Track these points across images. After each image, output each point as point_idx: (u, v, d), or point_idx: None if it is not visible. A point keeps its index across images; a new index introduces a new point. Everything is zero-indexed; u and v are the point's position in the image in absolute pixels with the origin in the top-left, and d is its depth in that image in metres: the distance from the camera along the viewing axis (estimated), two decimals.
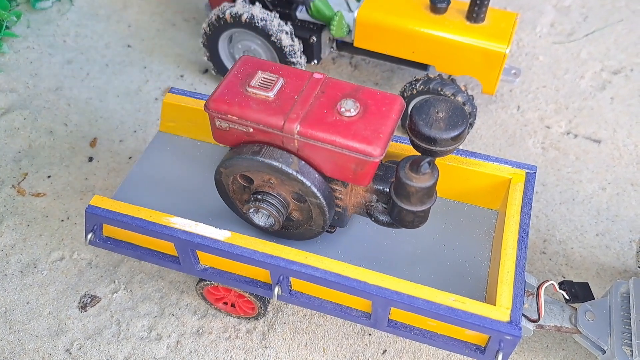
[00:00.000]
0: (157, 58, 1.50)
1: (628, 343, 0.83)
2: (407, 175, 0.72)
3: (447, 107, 0.72)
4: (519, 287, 0.77)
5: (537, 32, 1.56)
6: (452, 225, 0.93)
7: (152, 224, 0.83)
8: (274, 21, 1.25)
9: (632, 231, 1.14)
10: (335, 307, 0.85)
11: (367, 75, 1.47)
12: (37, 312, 1.04)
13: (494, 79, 1.23)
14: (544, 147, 1.30)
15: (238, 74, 0.77)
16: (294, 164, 0.75)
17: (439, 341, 0.82)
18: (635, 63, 1.48)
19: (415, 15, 1.23)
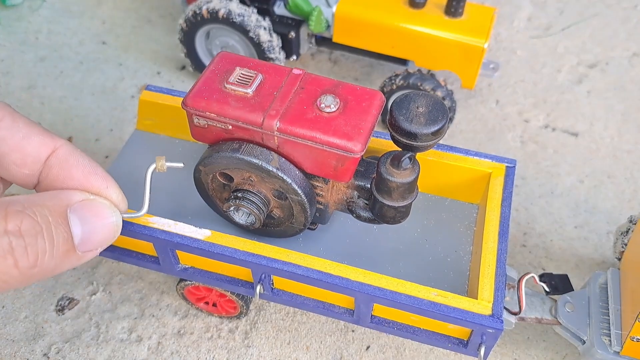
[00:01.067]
0: (132, 55, 1.48)
1: (607, 333, 0.84)
2: (388, 171, 0.72)
3: (427, 102, 0.72)
4: (500, 280, 0.77)
5: (514, 26, 1.58)
6: (433, 220, 0.93)
7: (131, 224, 0.81)
8: (251, 17, 1.23)
9: (609, 223, 1.16)
10: (318, 305, 0.85)
11: (346, 70, 1.46)
12: (13, 316, 1.02)
13: (473, 74, 1.23)
14: (523, 140, 1.31)
15: (216, 70, 0.76)
16: (274, 160, 0.74)
17: (421, 336, 0.83)
18: (611, 57, 1.50)
19: (394, 10, 1.23)
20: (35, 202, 0.54)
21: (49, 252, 0.53)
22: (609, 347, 0.83)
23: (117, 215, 0.61)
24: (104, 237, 0.60)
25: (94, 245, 0.59)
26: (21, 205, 0.52)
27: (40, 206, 0.54)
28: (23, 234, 0.50)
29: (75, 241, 0.56)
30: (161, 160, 0.71)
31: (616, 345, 0.82)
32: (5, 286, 0.51)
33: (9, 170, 0.60)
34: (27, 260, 0.51)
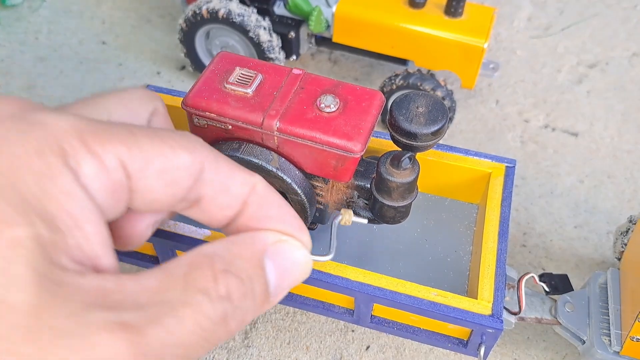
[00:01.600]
0: (132, 55, 1.48)
1: (606, 333, 0.84)
2: (388, 171, 0.72)
3: (426, 102, 0.72)
4: (500, 280, 0.77)
5: (514, 26, 1.58)
6: (433, 220, 0.93)
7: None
8: (251, 17, 1.23)
9: (609, 223, 1.16)
10: (317, 305, 0.85)
11: (346, 70, 1.46)
12: None
13: (473, 74, 1.23)
14: (523, 140, 1.31)
15: (216, 70, 0.76)
16: (274, 160, 0.74)
17: (421, 336, 0.83)
18: (611, 57, 1.50)
19: (393, 10, 1.23)
20: (235, 254, 0.50)
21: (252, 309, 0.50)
22: (609, 347, 0.83)
23: (308, 256, 0.57)
24: (295, 280, 0.56)
25: (284, 290, 0.55)
26: (224, 262, 0.48)
27: (241, 260, 0.50)
28: (232, 298, 0.47)
29: (270, 289, 0.53)
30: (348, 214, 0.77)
31: (616, 345, 0.82)
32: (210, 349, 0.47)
33: (210, 213, 0.54)
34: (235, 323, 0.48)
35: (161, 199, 0.49)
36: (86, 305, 0.39)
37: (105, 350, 0.38)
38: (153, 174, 0.47)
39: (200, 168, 0.51)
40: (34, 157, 0.40)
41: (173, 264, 0.47)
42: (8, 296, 0.35)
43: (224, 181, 0.53)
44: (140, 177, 0.46)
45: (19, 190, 0.38)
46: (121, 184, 0.45)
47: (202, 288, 0.45)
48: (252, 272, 0.50)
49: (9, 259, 0.36)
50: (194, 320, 0.43)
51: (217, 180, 0.53)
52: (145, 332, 0.40)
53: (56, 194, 0.40)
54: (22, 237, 0.37)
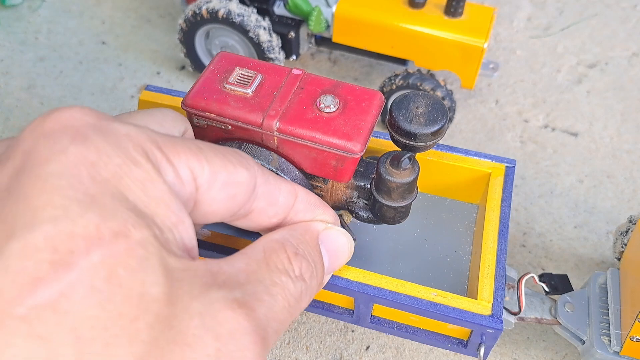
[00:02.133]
0: (132, 55, 1.47)
1: (606, 333, 0.84)
2: (388, 171, 0.72)
3: (426, 102, 0.72)
4: (500, 280, 0.77)
5: (514, 26, 1.58)
6: (433, 220, 0.93)
7: None
8: (251, 17, 1.23)
9: (608, 223, 1.16)
10: (317, 305, 0.85)
11: (346, 70, 1.46)
12: None
13: (472, 74, 1.23)
14: (523, 140, 1.31)
15: (215, 70, 0.76)
16: (273, 161, 0.74)
17: (421, 336, 0.83)
18: (610, 57, 1.50)
19: (393, 10, 1.23)
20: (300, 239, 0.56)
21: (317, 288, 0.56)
22: (609, 347, 0.83)
23: (351, 239, 0.64)
24: (342, 261, 0.64)
25: (335, 269, 0.62)
26: (294, 246, 0.54)
27: (305, 244, 0.56)
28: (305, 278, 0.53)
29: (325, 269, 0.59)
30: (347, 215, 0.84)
31: (616, 345, 0.82)
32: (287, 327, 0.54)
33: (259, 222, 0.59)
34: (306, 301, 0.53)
35: (220, 211, 0.52)
36: (205, 287, 0.43)
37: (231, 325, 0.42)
38: (217, 188, 0.50)
39: (255, 183, 0.55)
40: (131, 165, 0.43)
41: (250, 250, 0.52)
42: (149, 289, 0.39)
43: (273, 194, 0.58)
44: (207, 190, 0.49)
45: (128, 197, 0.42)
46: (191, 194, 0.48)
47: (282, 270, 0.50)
48: (315, 254, 0.56)
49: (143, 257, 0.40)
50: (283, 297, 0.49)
51: (267, 193, 0.57)
52: (254, 307, 0.45)
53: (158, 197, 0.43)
54: (147, 237, 0.41)
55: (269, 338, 0.46)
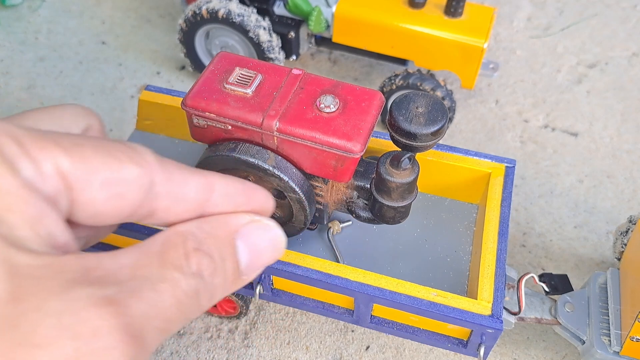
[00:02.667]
0: (132, 55, 1.47)
1: (606, 333, 0.84)
2: (388, 171, 0.72)
3: (426, 102, 0.72)
4: (500, 280, 0.77)
5: (514, 26, 1.58)
6: (433, 220, 0.93)
7: (130, 224, 0.81)
8: (251, 17, 1.23)
9: (608, 223, 1.16)
10: (317, 305, 0.85)
11: (346, 70, 1.46)
12: None
13: (472, 74, 1.23)
14: (523, 140, 1.31)
15: (215, 70, 0.76)
16: (270, 159, 0.74)
17: (421, 336, 0.83)
18: (610, 57, 1.50)
19: (393, 10, 1.23)
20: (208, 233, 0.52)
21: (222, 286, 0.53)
22: (609, 347, 0.83)
23: (280, 234, 0.59)
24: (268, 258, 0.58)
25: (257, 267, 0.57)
26: (197, 241, 0.51)
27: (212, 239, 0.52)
28: (203, 274, 0.50)
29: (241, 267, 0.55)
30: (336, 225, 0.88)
31: (616, 345, 0.82)
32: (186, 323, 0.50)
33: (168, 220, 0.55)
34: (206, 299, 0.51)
35: (105, 212, 0.48)
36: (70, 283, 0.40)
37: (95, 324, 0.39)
38: (96, 187, 0.46)
39: (150, 181, 0.50)
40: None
41: (148, 242, 0.48)
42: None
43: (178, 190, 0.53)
44: (83, 188, 0.46)
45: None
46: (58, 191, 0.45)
47: (176, 265, 0.47)
48: (223, 251, 0.52)
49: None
50: (171, 294, 0.46)
51: (170, 191, 0.52)
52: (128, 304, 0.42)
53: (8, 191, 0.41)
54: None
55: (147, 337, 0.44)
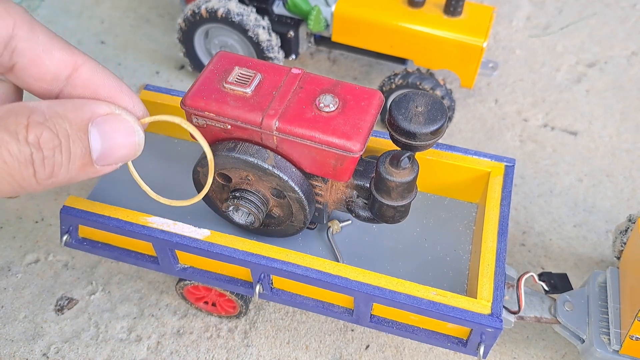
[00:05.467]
0: (131, 54, 1.47)
1: (606, 332, 0.84)
2: (388, 170, 0.72)
3: (426, 101, 0.72)
4: (500, 279, 0.77)
5: (513, 25, 1.58)
6: (432, 219, 0.93)
7: (130, 224, 0.81)
8: (250, 16, 1.23)
9: (608, 222, 1.16)
10: (317, 304, 0.85)
11: (345, 69, 1.46)
12: (12, 316, 1.01)
13: (472, 73, 1.23)
14: (522, 140, 1.31)
15: (215, 70, 0.76)
16: (269, 158, 0.74)
17: (421, 335, 0.83)
18: (609, 56, 1.50)
19: (393, 9, 1.23)
20: (58, 113, 0.54)
21: (65, 165, 0.54)
22: (608, 346, 0.83)
23: (139, 132, 0.60)
24: (125, 153, 0.60)
25: (113, 160, 0.59)
26: (43, 116, 0.52)
27: (61, 118, 0.54)
28: (42, 147, 0.51)
29: (94, 155, 0.56)
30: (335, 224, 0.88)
31: (615, 344, 0.82)
32: (22, 191, 0.53)
33: (27, 83, 0.58)
34: (44, 172, 0.52)
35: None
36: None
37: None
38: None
39: (9, 34, 0.54)
40: None
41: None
42: None
43: (39, 54, 0.56)
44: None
45: None
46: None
47: (11, 130, 0.50)
48: (71, 132, 0.54)
49: None
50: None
51: (31, 50, 0.56)
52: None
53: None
54: None
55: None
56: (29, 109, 0.52)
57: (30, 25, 0.56)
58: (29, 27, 0.56)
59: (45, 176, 0.53)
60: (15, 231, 1.12)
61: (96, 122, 0.56)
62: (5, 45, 0.55)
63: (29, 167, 0.51)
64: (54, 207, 1.16)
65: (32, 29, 0.56)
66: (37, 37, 0.56)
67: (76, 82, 0.59)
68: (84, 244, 0.89)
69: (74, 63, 0.59)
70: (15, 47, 0.55)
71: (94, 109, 0.57)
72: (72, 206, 0.84)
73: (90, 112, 0.56)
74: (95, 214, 0.82)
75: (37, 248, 1.10)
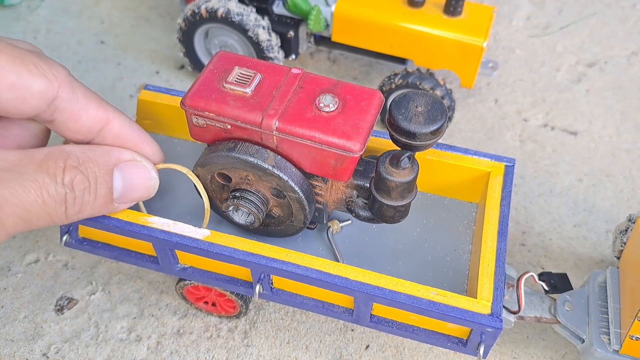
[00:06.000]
0: (131, 54, 1.47)
1: (606, 332, 0.84)
2: (387, 170, 0.72)
3: (426, 101, 0.72)
4: (500, 279, 0.77)
5: (513, 25, 1.58)
6: (432, 219, 0.93)
7: (130, 224, 0.81)
8: (250, 16, 1.23)
9: (608, 221, 1.16)
10: (317, 304, 0.85)
11: (345, 69, 1.46)
12: (12, 316, 1.01)
13: (472, 73, 1.23)
14: (522, 139, 1.31)
15: (215, 69, 0.76)
16: (269, 158, 0.74)
17: (421, 335, 0.83)
18: (609, 56, 1.50)
19: (392, 9, 1.23)
20: (89, 158, 0.63)
21: (91, 204, 0.63)
22: (608, 346, 0.83)
23: (155, 178, 0.72)
24: (141, 194, 0.71)
25: (130, 200, 0.70)
26: (77, 160, 0.61)
27: (92, 162, 0.63)
28: (74, 188, 0.60)
29: (115, 195, 0.66)
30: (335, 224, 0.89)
31: (615, 344, 0.82)
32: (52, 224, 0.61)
33: (64, 134, 0.67)
34: (73, 209, 0.61)
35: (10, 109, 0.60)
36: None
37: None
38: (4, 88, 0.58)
39: (54, 95, 0.63)
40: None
41: (36, 151, 0.60)
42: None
43: (76, 112, 0.65)
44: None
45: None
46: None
47: (51, 173, 0.58)
48: (99, 175, 0.64)
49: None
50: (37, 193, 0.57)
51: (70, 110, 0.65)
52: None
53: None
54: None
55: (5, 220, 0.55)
56: (66, 153, 0.61)
57: (72, 86, 0.65)
58: (70, 88, 0.65)
59: (74, 213, 0.62)
60: None
61: (120, 167, 0.66)
62: (49, 105, 0.63)
63: (62, 205, 0.59)
64: None
65: (73, 89, 0.65)
66: (76, 97, 0.66)
67: (106, 134, 0.69)
68: (84, 244, 0.89)
69: (106, 118, 0.68)
70: (57, 106, 0.64)
71: (120, 156, 0.67)
72: None
73: (116, 158, 0.67)
74: None
75: (37, 248, 1.10)
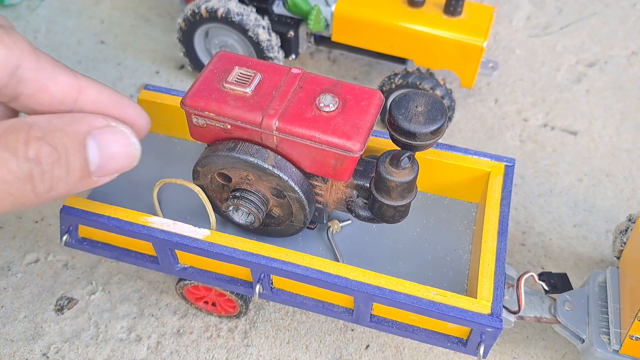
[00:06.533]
0: (131, 54, 1.47)
1: (606, 331, 0.84)
2: (387, 170, 0.72)
3: (426, 101, 0.72)
4: (500, 279, 0.77)
5: (513, 25, 1.58)
6: (432, 219, 0.93)
7: (130, 224, 0.81)
8: (250, 16, 1.23)
9: (608, 221, 1.16)
10: (317, 304, 0.85)
11: (345, 69, 1.46)
12: (12, 316, 1.01)
13: (472, 73, 1.23)
14: (522, 139, 1.31)
15: (215, 69, 0.76)
16: (269, 158, 0.74)
17: (421, 335, 0.83)
18: (609, 56, 1.50)
19: (392, 9, 1.23)
20: (56, 127, 0.54)
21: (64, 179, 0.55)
22: (608, 346, 0.83)
23: (136, 143, 0.61)
24: (122, 164, 0.60)
25: (110, 171, 0.59)
26: (42, 131, 0.53)
27: (60, 132, 0.54)
28: (41, 162, 0.52)
29: (92, 167, 0.57)
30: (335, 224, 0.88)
31: (615, 344, 0.82)
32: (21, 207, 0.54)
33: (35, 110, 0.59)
34: (43, 186, 0.53)
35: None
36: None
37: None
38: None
39: (16, 64, 0.54)
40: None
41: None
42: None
43: (44, 82, 0.57)
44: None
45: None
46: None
47: (11, 148, 0.51)
48: (69, 145, 0.54)
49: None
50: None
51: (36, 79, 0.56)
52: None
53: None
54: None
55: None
56: (28, 124, 0.53)
57: (35, 53, 0.57)
58: (34, 56, 0.56)
59: (44, 190, 0.53)
60: (15, 231, 1.12)
61: (94, 134, 0.57)
62: (11, 75, 0.55)
63: (28, 183, 0.52)
64: (53, 207, 1.16)
65: (37, 57, 0.57)
66: (42, 65, 0.57)
67: (83, 105, 0.60)
68: (84, 244, 0.89)
69: (78, 86, 0.60)
70: (21, 77, 0.56)
71: (91, 122, 0.57)
72: (72, 206, 0.84)
73: (88, 125, 0.57)
74: (95, 213, 0.82)
75: (37, 248, 1.10)
